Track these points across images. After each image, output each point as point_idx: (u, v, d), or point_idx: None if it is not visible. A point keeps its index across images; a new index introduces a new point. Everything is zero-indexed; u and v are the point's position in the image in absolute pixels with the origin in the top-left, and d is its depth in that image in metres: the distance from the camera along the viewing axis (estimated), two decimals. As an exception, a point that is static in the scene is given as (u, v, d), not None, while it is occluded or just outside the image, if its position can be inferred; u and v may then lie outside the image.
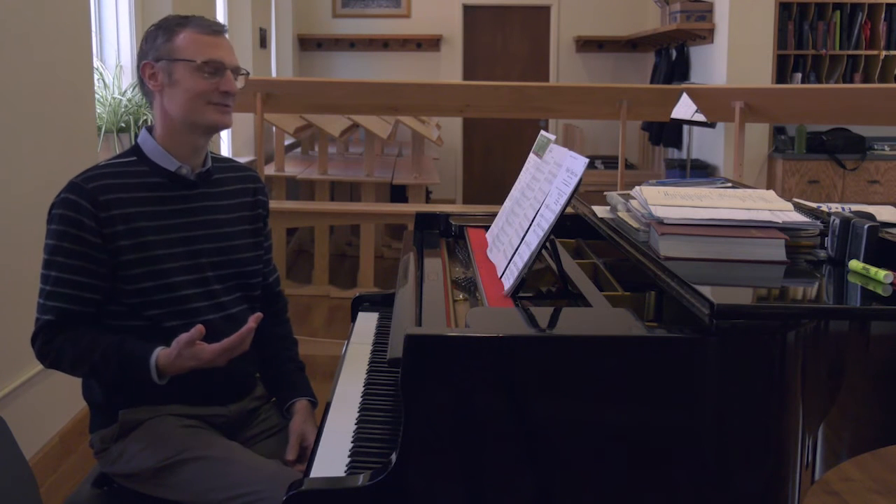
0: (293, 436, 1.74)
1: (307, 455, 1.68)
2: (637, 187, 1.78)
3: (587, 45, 8.18)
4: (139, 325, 1.66)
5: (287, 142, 6.67)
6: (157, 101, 1.72)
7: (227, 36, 1.74)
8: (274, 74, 7.46)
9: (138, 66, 1.72)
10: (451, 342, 1.23)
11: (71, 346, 1.61)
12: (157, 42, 1.69)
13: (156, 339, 1.63)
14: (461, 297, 1.69)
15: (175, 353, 1.56)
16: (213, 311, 1.71)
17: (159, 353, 1.58)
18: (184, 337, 1.55)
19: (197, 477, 1.60)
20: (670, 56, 7.06)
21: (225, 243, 1.76)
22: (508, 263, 1.57)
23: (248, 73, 1.77)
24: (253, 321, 1.59)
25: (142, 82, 1.72)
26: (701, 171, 6.24)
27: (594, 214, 1.91)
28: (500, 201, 1.93)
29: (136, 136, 3.52)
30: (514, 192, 1.84)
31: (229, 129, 6.20)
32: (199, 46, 1.67)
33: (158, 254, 1.66)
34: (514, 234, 1.63)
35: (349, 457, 1.38)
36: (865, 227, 1.47)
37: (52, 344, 1.62)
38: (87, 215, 1.61)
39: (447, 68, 8.24)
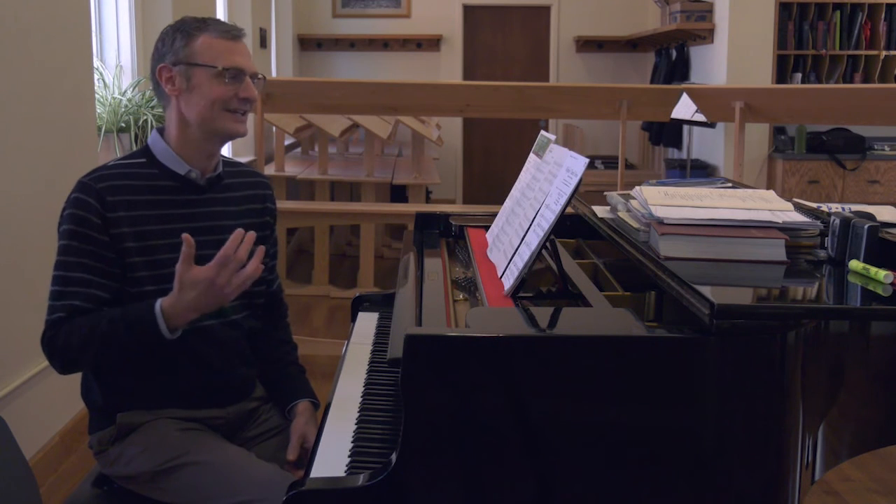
0: (294, 436, 1.74)
1: (308, 456, 1.67)
2: (637, 187, 1.78)
3: (587, 45, 8.18)
4: None
5: (287, 142, 6.67)
6: (172, 105, 1.68)
7: (244, 42, 1.71)
8: (274, 74, 7.46)
9: (153, 69, 1.68)
10: (451, 342, 1.23)
11: (77, 329, 1.57)
12: (175, 45, 1.66)
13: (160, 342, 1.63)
14: (461, 297, 1.69)
15: (177, 289, 1.53)
16: (213, 316, 1.70)
17: (162, 300, 1.55)
18: (179, 265, 1.51)
19: (195, 482, 1.59)
20: (670, 56, 7.06)
21: None
22: (508, 263, 1.57)
23: (264, 78, 1.74)
24: (247, 238, 1.53)
25: (157, 85, 1.69)
26: (701, 171, 6.24)
27: (594, 214, 1.91)
28: (500, 201, 1.93)
29: (136, 136, 3.54)
30: (514, 192, 1.84)
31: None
32: (220, 52, 1.64)
33: (163, 258, 1.65)
34: (514, 234, 1.63)
35: (349, 457, 1.38)
36: (865, 227, 1.47)
37: (58, 335, 1.58)
38: (95, 214, 1.60)
39: (447, 68, 8.24)
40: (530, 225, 1.54)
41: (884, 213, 1.72)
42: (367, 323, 2.07)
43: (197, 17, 1.70)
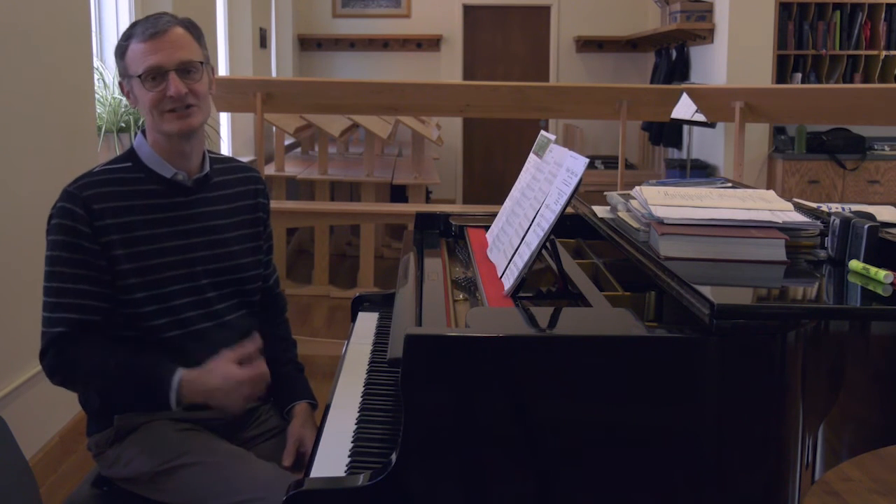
0: (290, 440, 1.73)
1: (304, 460, 1.67)
2: (637, 187, 1.78)
3: (587, 45, 8.18)
4: (135, 335, 1.64)
5: (287, 142, 6.67)
6: None
7: (172, 32, 1.62)
8: (274, 74, 7.46)
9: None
10: (451, 342, 1.23)
11: (84, 359, 1.58)
12: (118, 61, 1.67)
13: (152, 349, 1.62)
14: (461, 297, 1.69)
15: (205, 369, 1.56)
16: (206, 319, 1.70)
17: (183, 372, 1.56)
18: (228, 351, 1.58)
19: (195, 482, 1.59)
20: (670, 56, 7.06)
21: (222, 250, 1.74)
22: (508, 263, 1.57)
23: (203, 63, 1.67)
24: (255, 341, 1.63)
25: None
26: (701, 171, 6.24)
27: (594, 214, 1.91)
28: (500, 201, 1.93)
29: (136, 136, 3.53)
30: (514, 192, 1.84)
31: (229, 129, 6.21)
32: (139, 57, 1.61)
33: (153, 263, 1.64)
34: (514, 234, 1.63)
35: (349, 457, 1.38)
36: (865, 227, 1.47)
37: (63, 356, 1.58)
38: (83, 223, 1.59)
39: (447, 68, 8.24)
40: (530, 225, 1.54)
41: (884, 213, 1.72)
42: (367, 323, 2.07)
43: (136, 21, 1.66)
